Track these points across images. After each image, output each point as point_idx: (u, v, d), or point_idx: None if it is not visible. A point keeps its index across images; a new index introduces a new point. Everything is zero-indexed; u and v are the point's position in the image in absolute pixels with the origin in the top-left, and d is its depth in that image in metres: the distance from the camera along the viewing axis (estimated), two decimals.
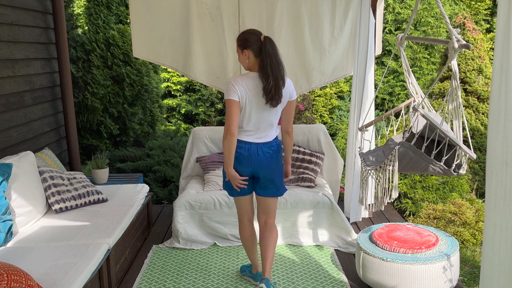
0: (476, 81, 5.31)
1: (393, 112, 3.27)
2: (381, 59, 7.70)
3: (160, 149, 6.15)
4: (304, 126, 4.65)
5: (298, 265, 3.59)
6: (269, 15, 4.46)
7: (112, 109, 6.59)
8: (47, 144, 4.61)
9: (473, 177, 5.08)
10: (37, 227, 3.32)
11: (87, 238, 3.09)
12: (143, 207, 4.03)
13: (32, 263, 2.69)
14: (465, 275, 3.62)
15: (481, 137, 5.17)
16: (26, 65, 4.26)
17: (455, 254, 2.95)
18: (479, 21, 7.86)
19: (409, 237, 3.09)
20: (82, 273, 2.58)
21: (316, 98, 7.68)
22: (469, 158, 2.83)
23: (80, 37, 6.49)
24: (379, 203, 3.11)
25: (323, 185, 4.28)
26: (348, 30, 4.54)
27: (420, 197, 4.59)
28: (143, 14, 4.46)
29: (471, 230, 4.13)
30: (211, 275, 3.45)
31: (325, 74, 4.71)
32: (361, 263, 3.09)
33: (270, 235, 3.14)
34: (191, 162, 4.57)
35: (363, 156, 3.27)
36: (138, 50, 4.57)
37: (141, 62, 6.83)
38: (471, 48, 3.83)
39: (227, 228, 3.96)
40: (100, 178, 4.74)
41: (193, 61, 4.56)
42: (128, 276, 3.48)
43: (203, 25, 4.49)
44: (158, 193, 5.40)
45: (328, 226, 3.96)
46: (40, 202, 3.49)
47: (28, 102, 4.28)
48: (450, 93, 2.76)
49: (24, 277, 2.18)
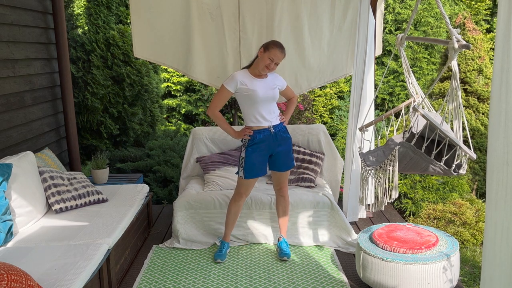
0: (476, 81, 5.30)
1: (393, 112, 3.27)
2: (381, 59, 7.70)
3: (160, 149, 6.15)
4: (304, 126, 4.65)
5: (298, 265, 3.59)
6: (269, 15, 4.46)
7: (112, 109, 6.59)
8: (47, 144, 4.61)
9: (473, 177, 5.07)
10: (37, 227, 3.31)
11: (87, 238, 3.09)
12: (143, 207, 4.03)
13: (32, 263, 2.69)
14: (465, 275, 3.62)
15: (481, 137, 5.16)
16: (26, 65, 4.26)
17: (455, 254, 2.95)
18: (479, 21, 7.86)
19: (409, 237, 3.09)
20: (82, 273, 2.57)
21: (316, 98, 7.68)
22: (469, 158, 2.82)
23: (80, 37, 6.49)
24: (379, 203, 3.11)
25: (323, 185, 4.27)
26: (347, 30, 4.54)
27: (420, 197, 4.59)
28: (144, 14, 4.46)
29: (471, 230, 4.13)
30: (211, 275, 3.45)
31: (325, 73, 4.71)
32: (361, 263, 3.08)
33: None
34: (191, 162, 4.57)
35: (363, 156, 3.27)
36: (139, 50, 4.58)
37: (141, 62, 6.83)
38: (471, 48, 3.83)
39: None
40: (100, 178, 4.73)
41: (193, 60, 4.56)
42: (128, 276, 3.47)
43: (204, 24, 4.49)
44: (158, 193, 5.40)
45: (328, 226, 3.96)
46: (40, 202, 3.48)
47: (28, 102, 4.28)
48: (450, 93, 2.75)
49: (24, 277, 2.18)
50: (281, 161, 3.58)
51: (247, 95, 3.39)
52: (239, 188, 3.60)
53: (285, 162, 3.60)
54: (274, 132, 3.48)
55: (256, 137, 3.46)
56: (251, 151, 3.47)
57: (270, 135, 3.47)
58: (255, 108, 3.42)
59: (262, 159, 3.52)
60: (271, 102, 3.47)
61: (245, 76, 3.41)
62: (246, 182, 3.55)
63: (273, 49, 3.31)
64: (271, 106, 3.48)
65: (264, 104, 3.42)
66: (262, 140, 3.47)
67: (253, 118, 3.45)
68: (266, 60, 3.32)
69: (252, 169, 3.49)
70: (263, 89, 3.39)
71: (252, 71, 3.45)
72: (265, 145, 3.49)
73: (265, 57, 3.33)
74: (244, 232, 3.97)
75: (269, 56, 3.32)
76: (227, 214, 3.71)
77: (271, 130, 3.46)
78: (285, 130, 3.57)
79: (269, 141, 3.48)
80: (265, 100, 3.41)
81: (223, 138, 4.56)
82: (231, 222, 3.70)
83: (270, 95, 3.43)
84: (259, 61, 3.37)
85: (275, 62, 3.33)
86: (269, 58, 3.32)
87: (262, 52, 3.36)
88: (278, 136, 3.50)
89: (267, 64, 3.33)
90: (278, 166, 3.60)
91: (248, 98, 3.40)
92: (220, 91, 3.42)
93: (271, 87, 3.46)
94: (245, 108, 3.46)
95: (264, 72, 3.39)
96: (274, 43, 3.36)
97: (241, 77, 3.39)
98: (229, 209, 3.67)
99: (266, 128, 3.46)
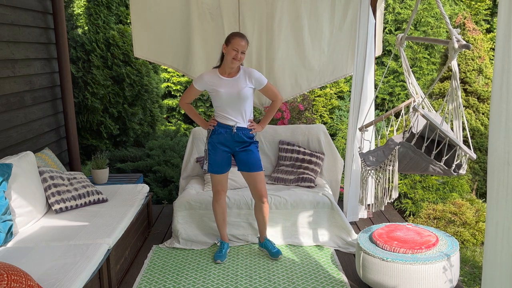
0: (476, 81, 5.30)
1: (393, 112, 3.27)
2: (381, 59, 7.70)
3: (160, 149, 6.14)
4: (304, 126, 4.65)
5: (298, 265, 3.59)
6: (269, 15, 4.46)
7: (112, 109, 6.59)
8: (47, 144, 4.60)
9: (473, 177, 5.07)
10: (37, 227, 3.31)
11: (87, 238, 3.08)
12: (143, 207, 4.02)
13: (32, 263, 2.69)
14: (465, 275, 3.61)
15: (481, 137, 5.16)
16: (26, 65, 4.26)
17: (455, 254, 2.95)
18: (479, 21, 7.86)
19: (409, 237, 3.09)
20: (82, 273, 2.57)
21: (316, 98, 7.68)
22: (469, 158, 2.82)
23: (80, 37, 6.48)
24: (379, 203, 3.11)
25: (323, 185, 4.27)
26: (347, 30, 4.54)
27: (420, 197, 4.59)
28: (144, 14, 4.46)
29: (471, 230, 4.13)
30: (211, 275, 3.44)
31: (325, 74, 4.71)
32: (361, 263, 3.08)
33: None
34: (191, 162, 4.57)
35: (363, 156, 3.27)
36: (139, 50, 4.58)
37: (141, 62, 6.82)
38: (471, 48, 3.83)
39: (227, 228, 3.95)
40: (100, 178, 4.73)
41: (193, 60, 4.56)
42: (128, 276, 3.47)
43: (204, 25, 4.50)
44: (158, 193, 5.40)
45: (328, 226, 3.95)
46: (40, 202, 3.48)
47: (28, 102, 4.28)
48: (450, 93, 2.75)
49: (24, 277, 2.18)
50: (244, 161, 3.56)
51: (212, 94, 3.49)
52: (214, 185, 3.64)
53: (249, 164, 3.55)
54: (235, 133, 3.50)
55: (217, 130, 3.52)
56: (212, 145, 3.55)
57: (231, 133, 3.50)
58: (220, 105, 3.48)
59: (222, 154, 3.54)
60: (238, 102, 3.44)
61: (213, 76, 3.46)
62: (217, 177, 3.59)
63: (233, 39, 3.33)
64: (239, 107, 3.45)
65: (230, 104, 3.44)
66: (222, 134, 3.51)
67: (219, 113, 3.53)
68: (231, 52, 3.32)
69: (214, 163, 3.55)
70: (228, 89, 3.40)
71: (222, 70, 3.46)
72: (223, 139, 3.51)
73: (229, 50, 3.33)
74: (244, 232, 3.97)
75: (232, 47, 3.32)
76: (214, 216, 3.76)
77: (233, 130, 3.49)
78: (250, 135, 3.54)
79: (227, 138, 3.51)
80: (230, 100, 3.43)
81: None
82: (221, 223, 3.75)
83: (234, 95, 3.41)
84: (226, 57, 3.37)
85: (240, 51, 3.32)
86: (232, 49, 3.32)
87: (225, 47, 3.38)
88: (237, 137, 3.51)
89: (234, 55, 3.32)
90: (244, 165, 3.57)
91: (213, 96, 3.49)
92: (189, 88, 3.59)
93: (238, 87, 3.41)
94: (214, 103, 3.55)
95: (234, 65, 3.35)
96: (232, 34, 3.38)
97: (208, 77, 3.46)
98: (214, 211, 3.72)
99: (230, 125, 3.49)
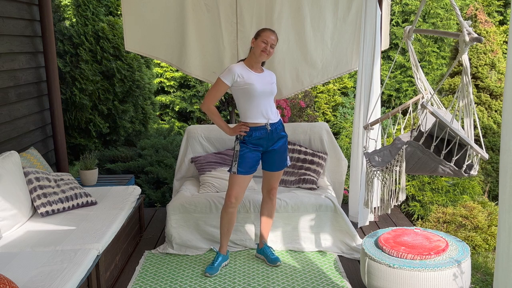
0: (488, 77, 5.31)
1: (400, 109, 3.27)
2: (387, 53, 7.71)
3: (153, 149, 6.15)
4: (305, 124, 4.65)
5: (299, 272, 3.60)
6: (268, 6, 4.46)
7: (101, 106, 6.59)
8: (32, 143, 4.61)
9: (485, 178, 5.09)
10: (22, 231, 3.31)
11: (75, 243, 3.09)
12: (134, 210, 4.03)
13: (17, 270, 2.69)
14: (477, 282, 3.63)
15: (494, 136, 5.18)
16: (10, 60, 4.26)
17: (466, 260, 2.96)
18: (492, 13, 7.87)
19: (417, 242, 3.09)
20: (70, 280, 2.57)
21: (318, 94, 7.69)
22: (481, 158, 2.83)
23: (67, 29, 6.48)
24: (385, 206, 3.11)
25: (326, 187, 4.28)
26: (352, 22, 4.53)
27: (429, 199, 4.60)
28: (135, 5, 4.45)
29: (483, 234, 4.14)
30: (207, 282, 3.45)
31: (328, 69, 4.70)
32: (366, 270, 3.09)
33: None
34: (186, 163, 4.57)
35: (368, 156, 3.27)
36: (130, 43, 4.58)
37: (133, 56, 6.83)
38: (483, 41, 3.84)
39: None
40: (89, 179, 4.73)
41: (188, 54, 4.56)
42: (119, 283, 3.48)
43: (199, 16, 4.49)
44: (150, 196, 5.41)
45: (331, 230, 3.96)
46: (25, 205, 3.48)
47: (12, 98, 4.28)
48: (461, 89, 2.76)
49: (8, 284, 2.18)
50: (274, 160, 3.59)
51: (244, 89, 3.40)
52: (230, 189, 3.50)
53: (278, 162, 3.61)
54: (270, 130, 3.49)
55: (252, 135, 3.47)
56: (245, 146, 3.49)
57: (267, 133, 3.48)
58: (252, 103, 3.42)
59: (256, 155, 3.53)
60: (269, 98, 3.49)
61: (243, 69, 3.43)
62: (239, 180, 3.48)
63: (263, 32, 3.42)
64: (269, 102, 3.49)
65: (262, 99, 3.44)
66: (258, 138, 3.48)
67: (249, 114, 3.46)
68: (261, 44, 3.38)
69: (246, 163, 3.47)
70: (260, 83, 3.41)
71: (249, 63, 3.47)
72: (260, 143, 3.50)
73: (259, 43, 3.39)
74: (241, 237, 3.98)
75: (261, 39, 3.39)
76: (220, 223, 3.62)
77: (267, 128, 3.48)
78: (282, 128, 3.59)
79: (264, 139, 3.50)
80: (263, 95, 3.43)
81: (219, 137, 4.56)
82: (224, 233, 3.62)
83: (268, 89, 3.45)
84: (255, 50, 3.42)
85: (270, 44, 3.39)
86: (262, 41, 3.38)
87: (254, 41, 3.44)
88: (274, 134, 3.52)
89: (263, 48, 3.38)
90: (270, 166, 3.61)
91: (245, 93, 3.40)
92: (216, 84, 3.43)
93: (268, 81, 3.49)
94: (241, 103, 3.47)
95: (262, 58, 3.42)
96: (262, 29, 3.50)
97: (238, 70, 3.41)
98: (221, 218, 3.59)
99: (263, 125, 3.47)
